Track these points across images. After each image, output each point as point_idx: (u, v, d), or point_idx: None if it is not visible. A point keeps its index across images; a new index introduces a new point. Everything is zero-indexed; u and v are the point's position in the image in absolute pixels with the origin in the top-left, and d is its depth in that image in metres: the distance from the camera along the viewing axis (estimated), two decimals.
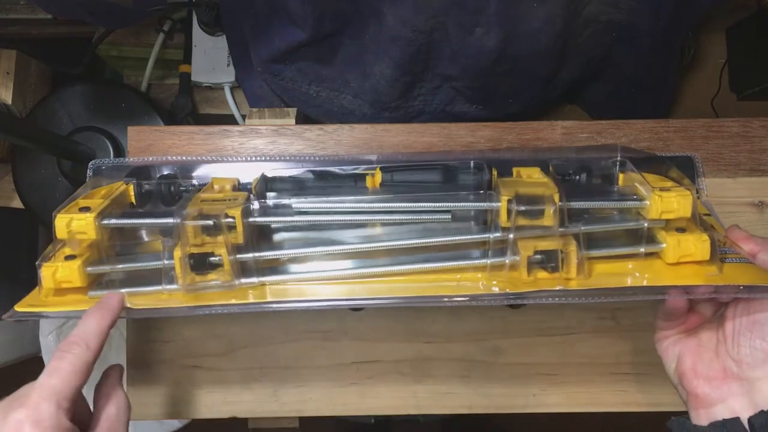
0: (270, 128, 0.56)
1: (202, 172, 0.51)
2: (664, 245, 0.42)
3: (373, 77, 0.67)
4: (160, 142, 0.56)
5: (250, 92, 0.84)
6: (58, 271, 0.41)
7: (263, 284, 0.43)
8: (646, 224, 0.43)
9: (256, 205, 0.43)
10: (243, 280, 0.42)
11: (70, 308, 0.42)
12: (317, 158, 0.52)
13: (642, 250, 0.43)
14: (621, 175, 0.47)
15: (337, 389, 0.56)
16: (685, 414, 0.44)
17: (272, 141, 0.56)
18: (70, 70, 0.86)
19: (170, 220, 0.42)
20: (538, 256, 0.41)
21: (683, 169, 0.50)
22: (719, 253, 0.43)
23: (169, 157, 0.52)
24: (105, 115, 0.83)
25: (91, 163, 0.50)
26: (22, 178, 0.86)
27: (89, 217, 0.41)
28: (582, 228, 0.42)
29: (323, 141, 0.56)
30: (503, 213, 0.41)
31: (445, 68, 0.66)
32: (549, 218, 0.41)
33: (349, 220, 0.44)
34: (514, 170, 0.47)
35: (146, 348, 0.56)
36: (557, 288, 0.41)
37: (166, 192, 0.48)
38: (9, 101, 0.82)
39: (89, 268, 0.42)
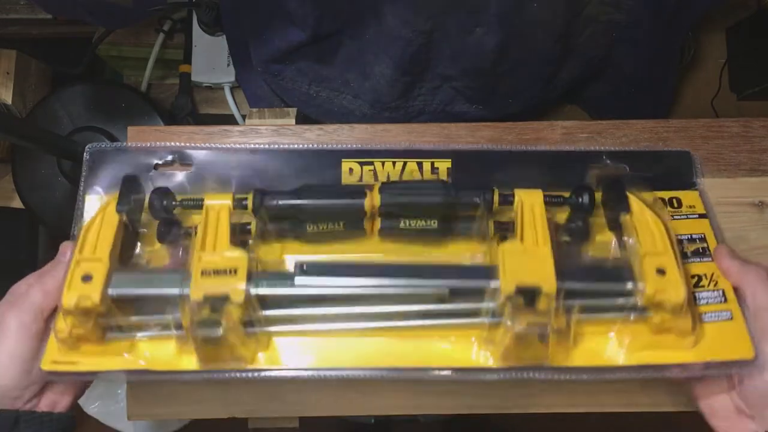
0: (270, 128, 0.56)
1: (202, 158, 0.52)
2: (651, 314, 0.45)
3: (373, 77, 0.67)
4: (160, 142, 0.56)
5: (250, 92, 0.84)
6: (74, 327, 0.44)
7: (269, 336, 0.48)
8: (637, 306, 0.45)
9: (257, 290, 0.45)
10: (248, 331, 0.46)
11: (105, 367, 0.45)
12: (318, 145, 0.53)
13: (630, 317, 0.46)
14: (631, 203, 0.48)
15: (337, 389, 0.56)
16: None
17: (272, 141, 0.56)
18: (70, 70, 0.86)
19: (176, 291, 0.45)
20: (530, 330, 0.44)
21: (681, 165, 0.53)
22: (699, 321, 0.46)
23: (168, 144, 0.52)
24: (105, 115, 0.83)
25: (88, 146, 0.51)
26: (22, 178, 0.86)
27: (95, 293, 0.43)
28: (576, 305, 0.45)
29: (323, 141, 0.56)
30: (500, 304, 0.44)
31: (445, 68, 0.66)
32: (544, 305, 0.44)
33: (350, 293, 0.47)
34: (516, 195, 0.47)
35: None
36: (544, 365, 0.45)
37: (159, 208, 0.48)
38: (9, 101, 0.82)
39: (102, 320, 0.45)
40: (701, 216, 0.52)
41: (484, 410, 0.55)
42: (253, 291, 0.44)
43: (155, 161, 0.52)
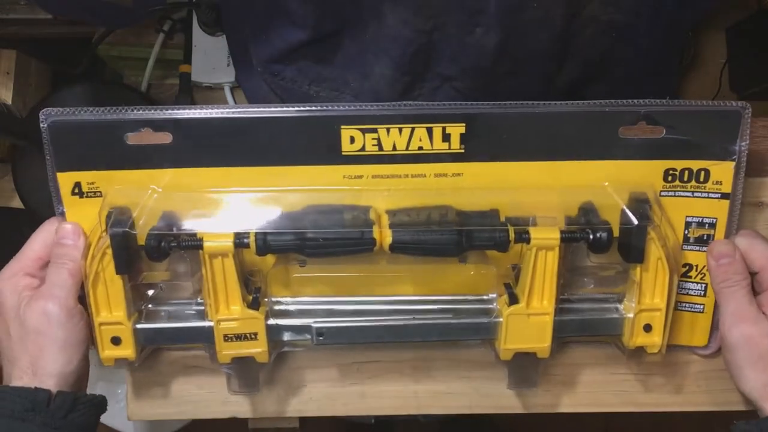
0: None
1: (181, 123, 0.48)
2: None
3: (373, 77, 0.67)
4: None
5: (250, 92, 0.84)
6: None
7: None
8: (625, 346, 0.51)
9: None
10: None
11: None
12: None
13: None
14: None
15: (337, 389, 0.56)
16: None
17: None
18: (70, 70, 0.86)
19: (205, 342, 0.50)
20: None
21: (726, 128, 0.49)
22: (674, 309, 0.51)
23: (139, 112, 0.47)
24: None
25: (42, 113, 0.47)
26: (22, 178, 0.86)
27: (129, 352, 0.48)
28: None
29: None
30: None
31: (445, 68, 0.66)
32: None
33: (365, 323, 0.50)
34: (531, 234, 0.47)
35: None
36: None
37: (157, 254, 0.48)
38: (9, 101, 0.82)
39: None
40: (723, 196, 0.50)
41: (484, 410, 0.55)
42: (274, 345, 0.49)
43: (127, 131, 0.48)
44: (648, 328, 0.49)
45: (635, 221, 0.47)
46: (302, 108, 0.48)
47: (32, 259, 0.49)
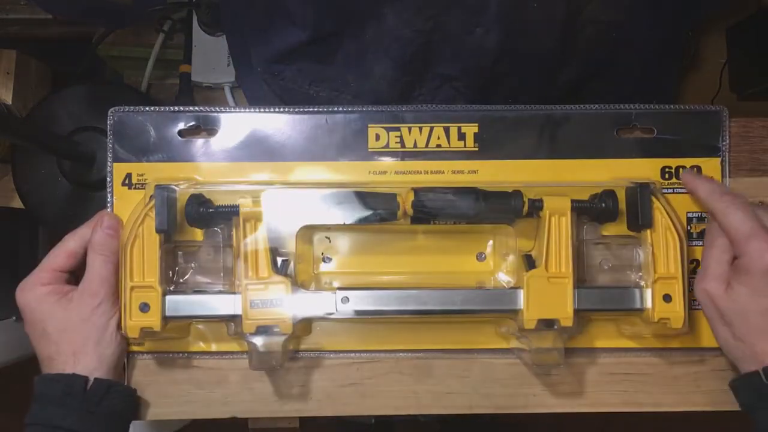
0: None
1: (227, 122, 0.54)
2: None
3: (374, 77, 0.67)
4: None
5: (250, 92, 0.84)
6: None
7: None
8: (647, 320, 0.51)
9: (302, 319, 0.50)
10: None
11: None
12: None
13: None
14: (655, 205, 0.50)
15: (337, 389, 0.56)
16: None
17: None
18: (70, 70, 0.86)
19: (229, 313, 0.50)
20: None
21: (710, 127, 0.53)
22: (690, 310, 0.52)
23: (191, 108, 0.54)
24: (105, 115, 0.83)
25: (111, 110, 0.54)
26: (22, 178, 0.86)
27: (155, 320, 0.49)
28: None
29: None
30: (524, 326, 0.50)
31: (445, 68, 0.66)
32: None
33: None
34: (544, 201, 0.49)
35: None
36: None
37: (196, 217, 0.51)
38: (9, 101, 0.82)
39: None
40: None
41: (484, 410, 0.55)
42: (299, 318, 0.49)
43: (179, 126, 0.53)
44: (668, 298, 0.49)
45: (639, 187, 0.50)
46: (330, 108, 0.55)
47: (48, 271, 0.51)
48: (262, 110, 0.54)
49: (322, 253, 0.54)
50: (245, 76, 0.83)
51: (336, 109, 0.54)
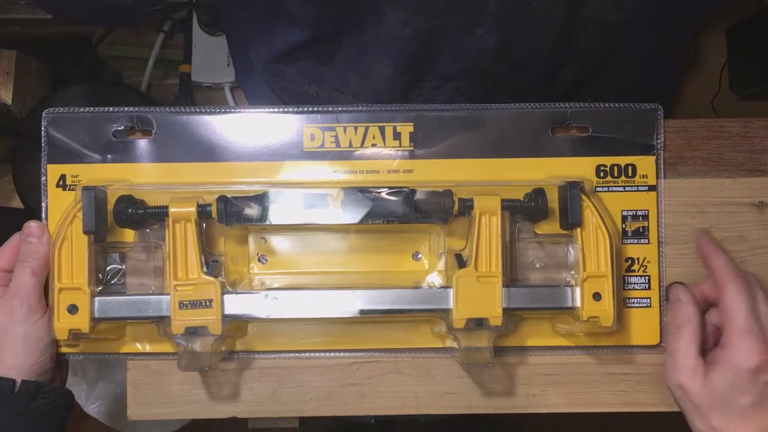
0: None
1: (162, 122, 0.53)
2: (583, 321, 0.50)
3: (373, 77, 0.67)
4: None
5: (250, 92, 0.84)
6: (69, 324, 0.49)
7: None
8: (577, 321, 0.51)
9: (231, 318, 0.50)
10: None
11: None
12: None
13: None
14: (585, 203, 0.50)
15: (337, 389, 0.56)
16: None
17: None
18: (70, 70, 0.86)
19: (157, 315, 0.50)
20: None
21: (645, 126, 0.54)
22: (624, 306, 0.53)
23: (126, 108, 0.53)
24: None
25: (45, 112, 0.53)
26: (22, 178, 0.86)
27: (83, 322, 0.49)
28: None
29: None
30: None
31: (445, 68, 0.66)
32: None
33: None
34: (474, 201, 0.50)
35: None
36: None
37: (125, 219, 0.50)
38: (9, 101, 0.82)
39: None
40: (650, 188, 0.54)
41: (484, 410, 0.55)
42: (228, 318, 0.49)
43: (114, 127, 0.53)
44: (597, 296, 0.49)
45: (568, 185, 0.50)
46: (268, 108, 0.54)
47: None
48: (195, 111, 0.53)
49: (258, 254, 0.54)
50: (245, 76, 0.83)
51: (272, 110, 0.54)
